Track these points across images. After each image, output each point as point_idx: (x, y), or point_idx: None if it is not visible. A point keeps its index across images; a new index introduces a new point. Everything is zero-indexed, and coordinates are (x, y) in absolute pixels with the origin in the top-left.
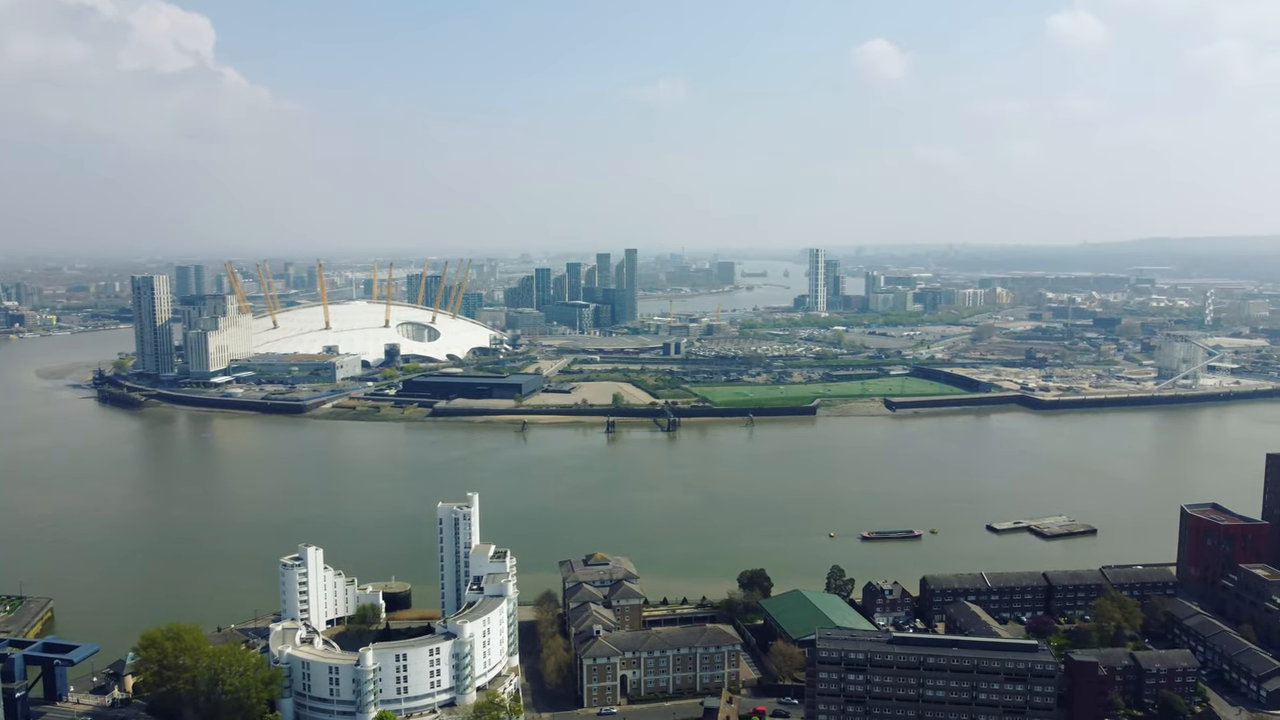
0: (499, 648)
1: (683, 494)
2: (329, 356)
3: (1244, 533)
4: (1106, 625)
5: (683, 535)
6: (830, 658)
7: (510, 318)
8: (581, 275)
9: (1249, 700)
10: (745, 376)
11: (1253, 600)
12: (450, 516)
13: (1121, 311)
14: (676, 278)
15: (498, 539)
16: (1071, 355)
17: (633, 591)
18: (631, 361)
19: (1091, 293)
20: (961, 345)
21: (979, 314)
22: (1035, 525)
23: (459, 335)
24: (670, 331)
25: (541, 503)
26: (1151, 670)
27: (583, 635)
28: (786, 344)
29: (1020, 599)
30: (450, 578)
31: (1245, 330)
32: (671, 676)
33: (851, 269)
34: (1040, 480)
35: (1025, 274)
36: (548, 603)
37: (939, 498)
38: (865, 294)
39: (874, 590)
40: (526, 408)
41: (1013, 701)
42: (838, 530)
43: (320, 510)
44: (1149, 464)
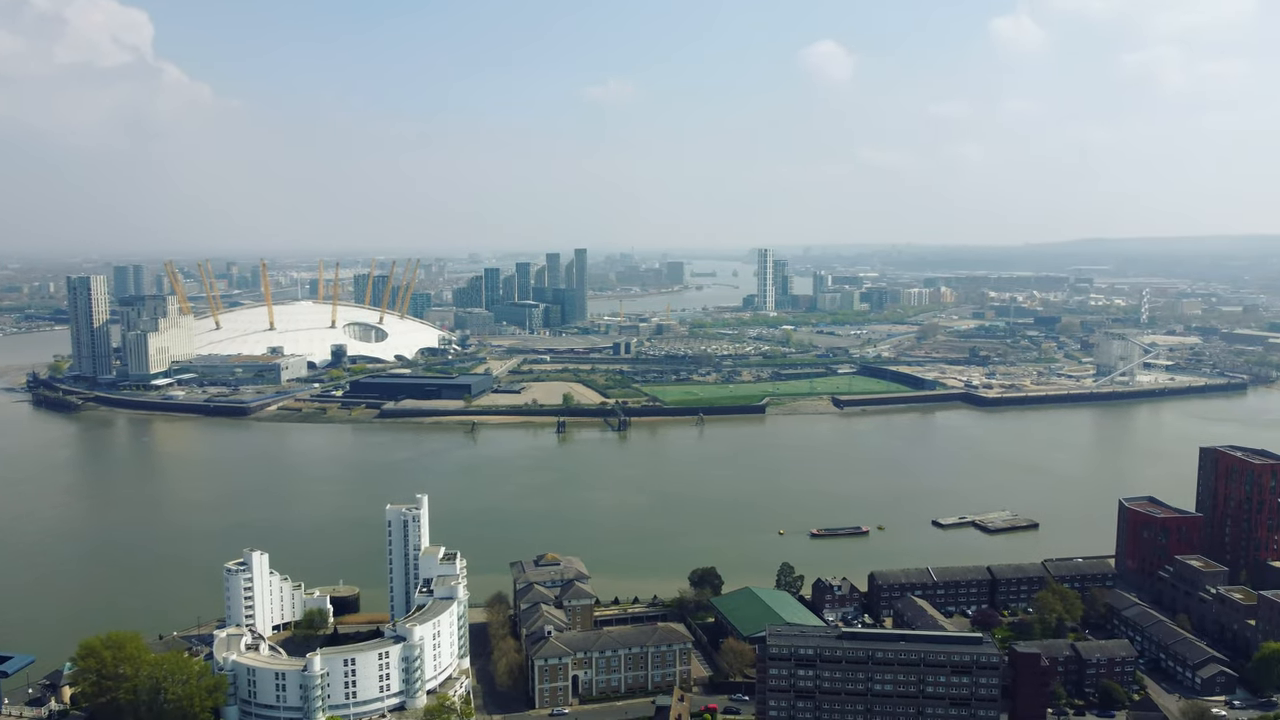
0: (449, 650)
1: (634, 493)
2: (274, 358)
3: (1179, 525)
4: (1048, 617)
5: (634, 534)
6: (780, 654)
7: (459, 318)
8: (531, 275)
9: (1184, 687)
10: (695, 376)
11: (1187, 590)
12: (399, 519)
13: (1061, 310)
14: (626, 278)
15: (447, 541)
16: (1014, 353)
17: (584, 591)
18: (582, 361)
19: (1032, 292)
20: (907, 344)
21: (924, 313)
22: (979, 520)
23: (407, 336)
24: (620, 331)
25: (492, 504)
26: (1092, 660)
27: (534, 636)
28: (736, 343)
29: (965, 592)
30: (399, 581)
31: (1179, 328)
32: (623, 676)
33: (799, 269)
34: (984, 476)
35: (969, 274)
36: (499, 604)
37: (886, 494)
38: (813, 293)
39: (823, 586)
40: (476, 408)
41: (958, 693)
42: (787, 528)
43: (265, 514)
44: (1088, 459)
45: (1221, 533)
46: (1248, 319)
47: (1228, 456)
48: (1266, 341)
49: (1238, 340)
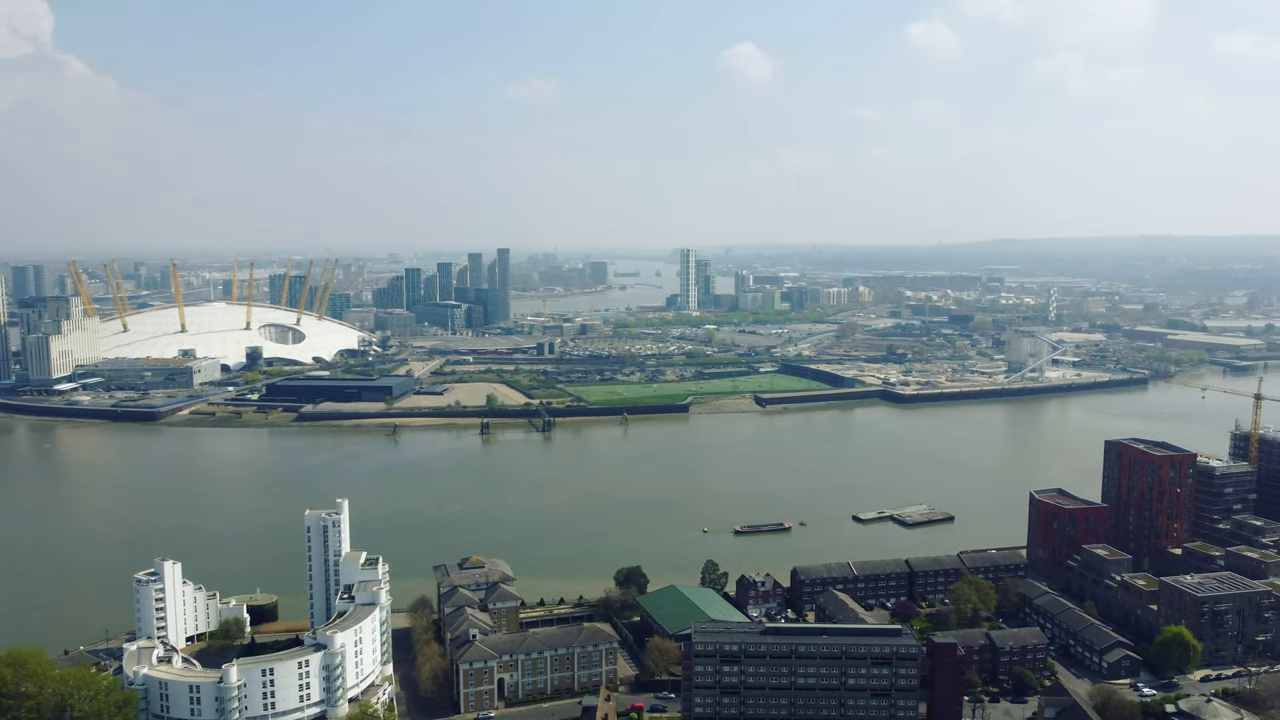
0: (371, 657)
1: (559, 494)
2: (185, 361)
3: (1086, 515)
4: (964, 607)
5: (559, 535)
6: (706, 650)
7: (380, 319)
8: (453, 275)
9: (1092, 671)
10: (619, 376)
11: (1094, 578)
12: (319, 524)
13: (974, 309)
14: (550, 277)
15: (369, 545)
16: (929, 351)
17: (509, 594)
18: (505, 362)
19: (947, 291)
20: (827, 342)
21: (843, 312)
22: (898, 514)
23: (326, 337)
24: (544, 331)
25: (415, 507)
26: (1005, 648)
27: (459, 640)
28: (659, 343)
29: (885, 585)
30: (319, 587)
31: (1085, 325)
32: (549, 677)
33: (722, 269)
34: (902, 471)
35: (886, 273)
36: (422, 609)
37: (808, 491)
38: (735, 293)
39: (747, 583)
40: (398, 410)
41: (879, 684)
42: (711, 525)
43: (177, 522)
44: (1001, 453)
45: (1125, 522)
46: (1148, 317)
47: (1131, 449)
48: (1165, 338)
49: (1139, 337)
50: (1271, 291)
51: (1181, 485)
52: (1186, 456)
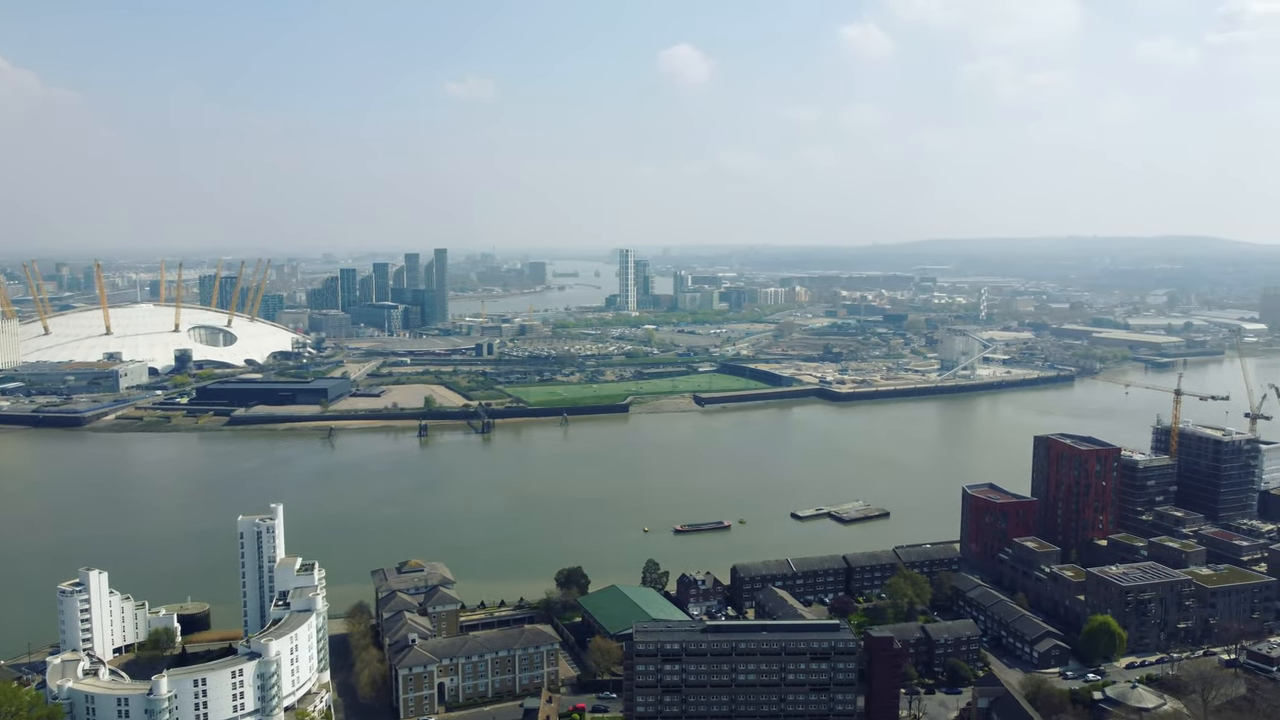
0: (308, 664)
1: (498, 495)
2: (111, 364)
3: (1017, 509)
4: (900, 601)
5: (499, 537)
6: (647, 650)
7: (314, 320)
8: (389, 276)
9: (1024, 661)
10: (559, 376)
11: (1024, 570)
12: (252, 530)
13: (908, 308)
14: (488, 278)
15: (305, 551)
16: (864, 350)
17: (449, 597)
18: (443, 363)
19: (881, 291)
20: (765, 342)
21: (780, 312)
22: (835, 511)
23: (258, 339)
24: (483, 332)
25: (351, 511)
26: (940, 641)
27: (397, 645)
28: (599, 343)
29: (823, 581)
30: (253, 594)
31: (1014, 324)
32: (490, 680)
33: (660, 269)
34: (839, 468)
35: (822, 273)
36: (360, 614)
37: (747, 489)
38: (674, 293)
39: (687, 581)
40: (333, 413)
41: (818, 679)
42: (652, 525)
43: (104, 530)
44: (935, 449)
45: (1054, 515)
46: (1074, 315)
47: (1059, 444)
48: (1091, 336)
49: (1066, 335)
50: (1190, 290)
51: (1107, 479)
52: (1111, 451)
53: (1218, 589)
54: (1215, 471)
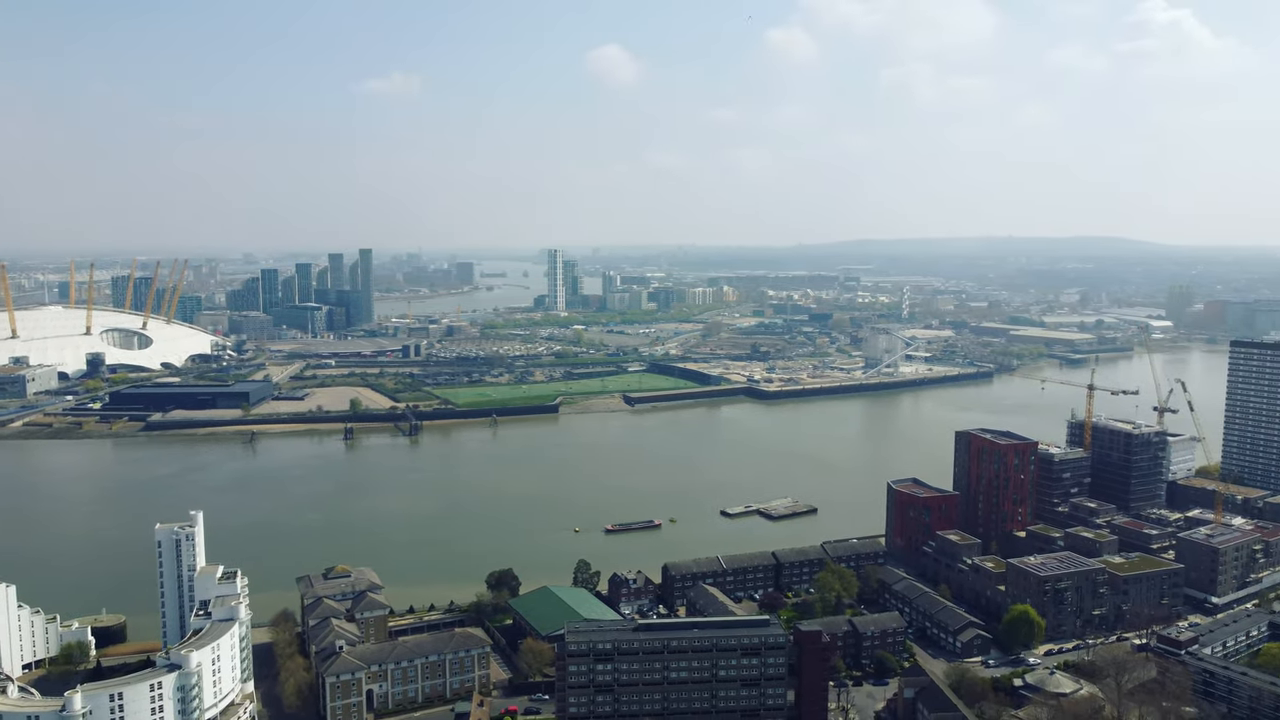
0: (231, 675)
1: (427, 498)
2: (17, 369)
3: (939, 503)
4: (828, 596)
5: (428, 540)
6: (579, 650)
7: (234, 322)
8: (313, 276)
9: (947, 651)
10: (488, 377)
11: (947, 562)
12: (170, 538)
13: (833, 307)
14: (414, 278)
15: (226, 559)
16: (791, 348)
17: (377, 602)
18: (369, 365)
19: (807, 290)
20: (693, 341)
21: (709, 311)
22: (764, 508)
23: (175, 342)
24: (409, 333)
25: (275, 517)
26: (867, 633)
27: (324, 652)
28: (528, 343)
29: (753, 578)
30: (172, 604)
31: (935, 322)
32: (420, 685)
33: (589, 269)
34: (767, 466)
35: (749, 273)
36: (285, 622)
37: (677, 487)
38: (603, 293)
39: (619, 580)
40: (255, 417)
41: (749, 674)
42: (582, 525)
43: (11, 542)
44: (860, 445)
45: (975, 508)
46: (992, 314)
47: (979, 439)
48: (1008, 334)
49: (984, 333)
50: (1101, 289)
51: (1025, 472)
52: (1028, 445)
53: (1129, 576)
54: (1126, 463)
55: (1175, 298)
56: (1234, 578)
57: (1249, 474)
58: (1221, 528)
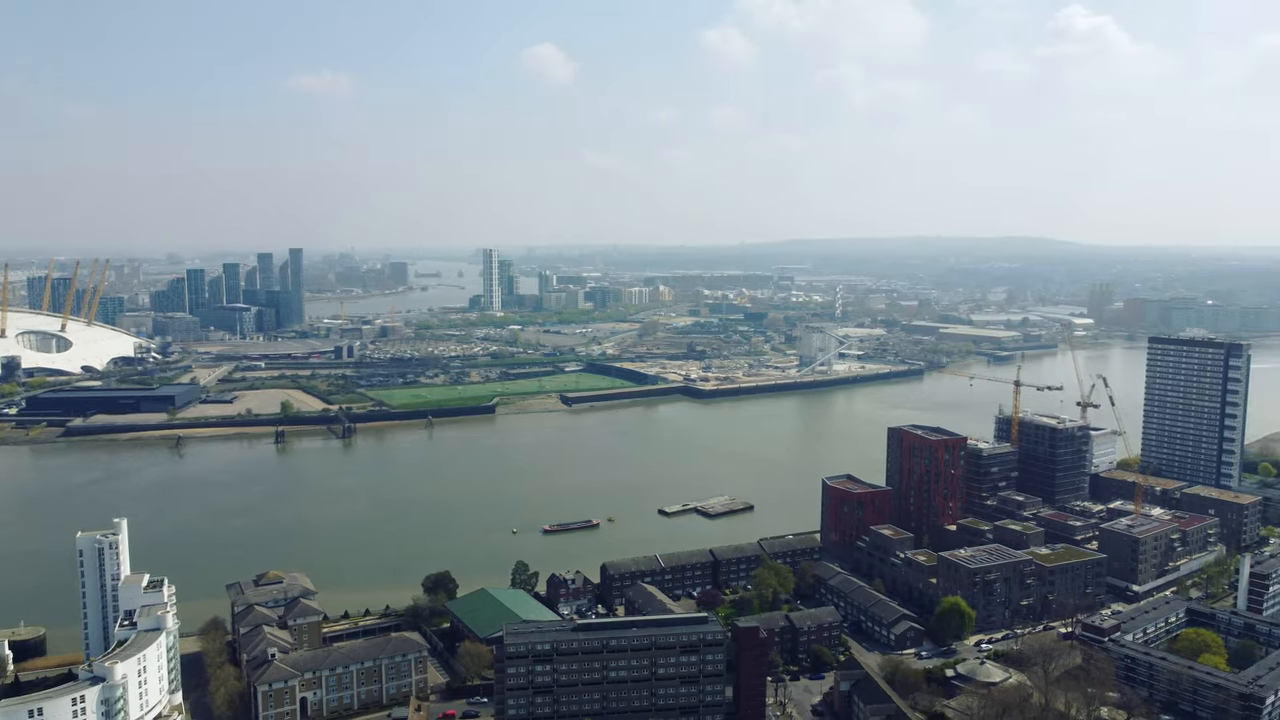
0: (158, 686)
1: (361, 502)
2: None
3: (873, 498)
4: (765, 592)
5: (363, 544)
6: (517, 652)
7: (159, 324)
8: (241, 276)
9: (881, 644)
10: (423, 378)
11: (881, 557)
12: (92, 547)
13: (768, 306)
14: (347, 278)
15: (152, 567)
16: (727, 347)
17: (311, 608)
18: (301, 367)
19: (742, 289)
20: (630, 341)
21: (645, 311)
22: (701, 506)
23: (96, 344)
24: (342, 334)
25: (203, 523)
26: (804, 628)
27: (256, 661)
28: (463, 344)
29: (691, 575)
30: (95, 615)
31: (868, 321)
32: (356, 691)
33: (525, 269)
34: (704, 464)
35: (685, 273)
36: (214, 630)
37: (615, 486)
38: (539, 293)
39: (557, 581)
40: (182, 421)
41: (688, 672)
42: (520, 526)
43: None
44: (795, 443)
45: (907, 503)
46: (922, 312)
47: (910, 435)
48: (938, 332)
49: (915, 331)
50: (1026, 288)
51: (955, 467)
52: (958, 440)
53: (1055, 567)
54: (1051, 457)
55: (1096, 296)
56: (1153, 566)
57: (1167, 466)
58: (1141, 518)
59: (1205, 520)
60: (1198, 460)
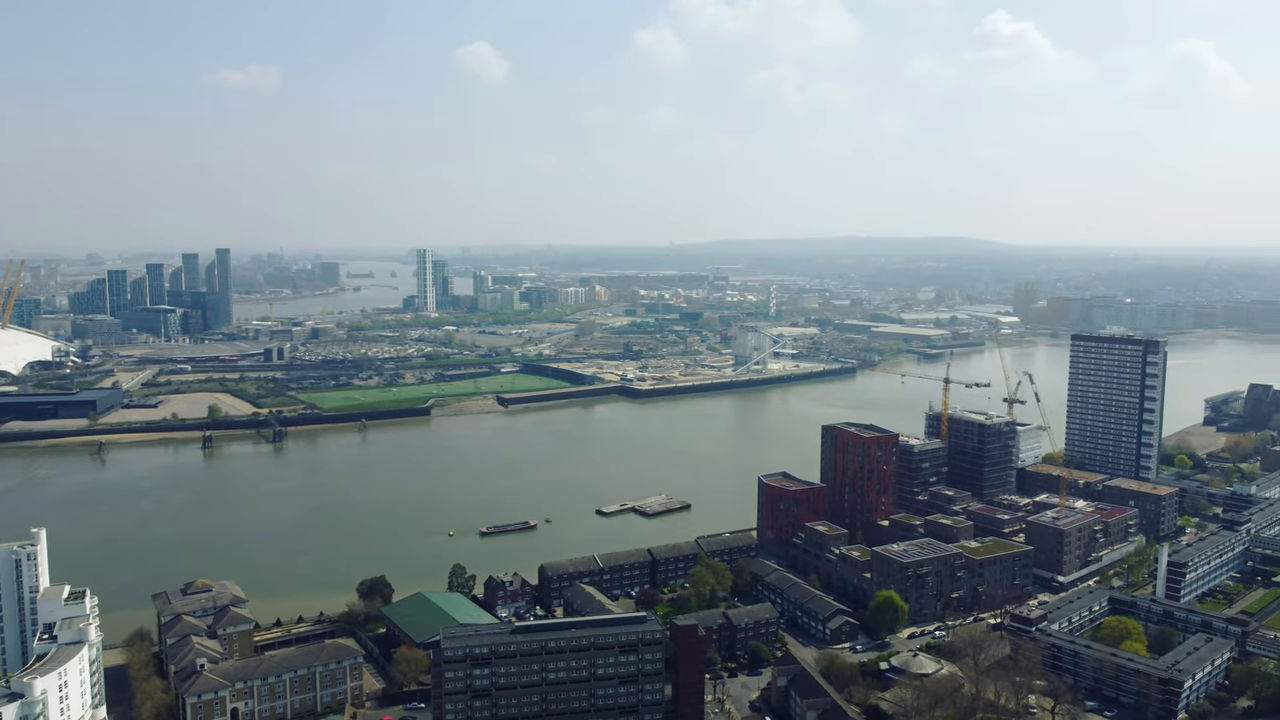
0: (80, 701)
1: (293, 507)
2: None
3: (808, 495)
4: (703, 590)
5: (295, 550)
6: (455, 656)
7: (78, 326)
8: (165, 278)
9: (817, 639)
10: (356, 380)
11: (816, 553)
12: (9, 558)
13: (703, 306)
14: (276, 279)
15: (73, 578)
16: (663, 347)
17: (241, 617)
18: (229, 369)
19: (678, 290)
20: (567, 341)
21: (581, 311)
22: (638, 505)
23: (11, 348)
24: (272, 336)
25: (127, 532)
26: (741, 625)
27: (184, 672)
28: (397, 345)
29: (629, 575)
30: (12, 629)
31: (801, 320)
32: (289, 700)
33: (460, 269)
34: (641, 463)
35: (621, 273)
36: (140, 641)
37: (552, 487)
38: (474, 294)
39: (495, 583)
40: (104, 426)
41: (627, 671)
42: (457, 528)
43: None
44: (731, 441)
45: (842, 499)
46: (855, 311)
47: (844, 433)
48: (870, 330)
49: (848, 330)
50: (954, 287)
51: (887, 463)
52: (890, 437)
53: (984, 560)
54: (980, 452)
55: (1021, 295)
56: (1077, 557)
57: (1089, 459)
58: (1066, 511)
59: (1126, 511)
60: (1118, 453)
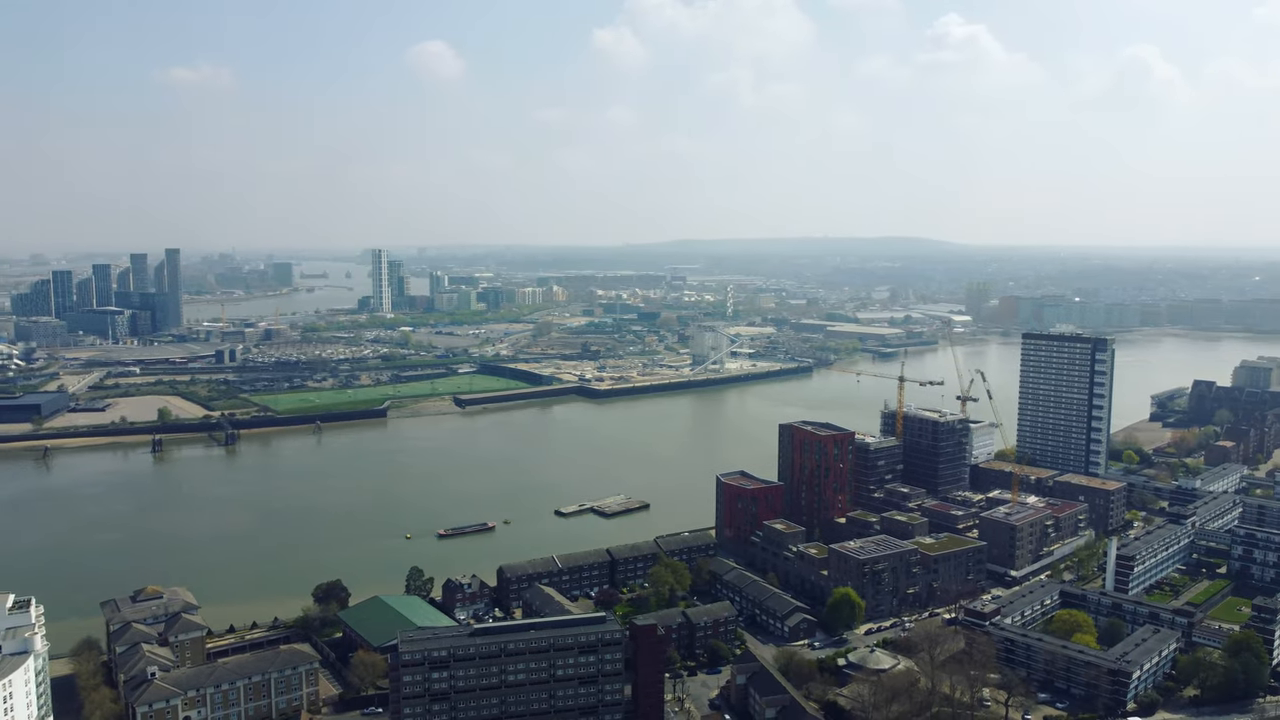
0: (26, 713)
1: (247, 511)
2: None
3: (766, 494)
4: (662, 589)
5: (249, 555)
6: (413, 659)
7: (22, 328)
8: (113, 278)
9: (776, 636)
10: (310, 382)
11: (775, 551)
12: None
13: (661, 306)
14: (228, 280)
15: (18, 586)
16: (621, 347)
17: (193, 624)
18: (180, 372)
19: (635, 290)
20: (524, 341)
21: (539, 311)
22: (597, 506)
23: None
24: (224, 338)
25: (74, 539)
26: (700, 624)
27: (134, 681)
28: (353, 346)
29: (589, 575)
30: None
31: (758, 320)
32: (244, 708)
33: (415, 269)
34: (600, 464)
35: (578, 273)
36: (88, 650)
37: (510, 488)
38: (430, 294)
39: (453, 586)
40: (48, 431)
41: (586, 672)
42: (414, 531)
43: None
44: (690, 440)
45: (799, 497)
46: (811, 311)
47: (801, 431)
48: (826, 330)
49: (804, 329)
50: (908, 286)
51: (844, 461)
52: (846, 435)
53: (939, 556)
54: (934, 449)
55: (973, 294)
56: (1029, 552)
57: (1040, 456)
58: (1018, 506)
59: (1076, 506)
60: (1068, 450)
